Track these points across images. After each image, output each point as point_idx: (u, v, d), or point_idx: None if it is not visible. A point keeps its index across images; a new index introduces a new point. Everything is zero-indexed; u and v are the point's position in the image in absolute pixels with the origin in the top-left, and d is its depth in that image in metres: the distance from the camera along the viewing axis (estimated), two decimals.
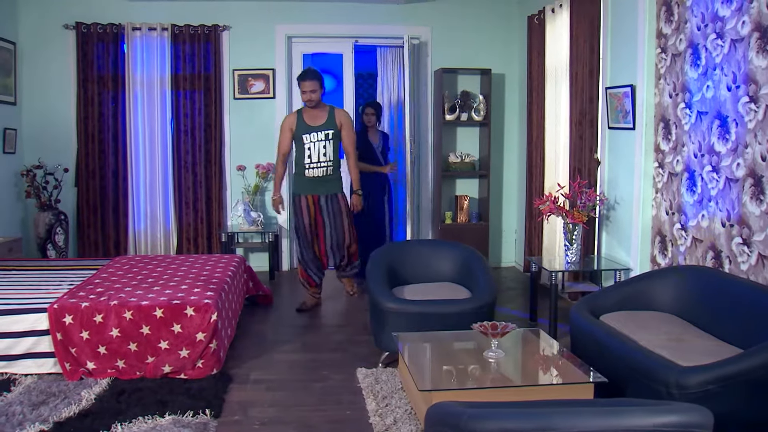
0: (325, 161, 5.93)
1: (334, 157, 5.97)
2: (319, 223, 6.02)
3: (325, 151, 5.91)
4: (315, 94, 5.88)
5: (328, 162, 5.94)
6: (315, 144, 5.90)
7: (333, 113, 6.00)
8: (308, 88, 5.85)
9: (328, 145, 5.92)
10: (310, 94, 5.86)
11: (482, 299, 4.47)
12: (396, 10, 7.54)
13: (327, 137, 5.91)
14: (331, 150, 5.93)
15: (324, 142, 5.90)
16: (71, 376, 4.29)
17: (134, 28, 7.25)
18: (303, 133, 5.92)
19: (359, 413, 3.85)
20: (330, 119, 5.96)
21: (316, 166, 5.93)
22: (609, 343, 3.69)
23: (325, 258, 6.16)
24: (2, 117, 6.84)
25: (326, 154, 5.92)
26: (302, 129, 5.94)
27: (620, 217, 5.42)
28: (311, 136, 5.90)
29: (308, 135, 5.90)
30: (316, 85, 5.87)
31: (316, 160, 5.92)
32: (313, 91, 5.87)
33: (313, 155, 5.92)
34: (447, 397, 3.20)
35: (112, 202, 7.38)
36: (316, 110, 5.95)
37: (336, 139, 5.97)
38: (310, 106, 5.91)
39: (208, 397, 4.00)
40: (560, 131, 6.32)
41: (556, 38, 6.39)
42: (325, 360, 4.77)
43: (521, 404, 2.44)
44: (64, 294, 4.58)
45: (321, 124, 5.92)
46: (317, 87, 5.89)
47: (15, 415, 3.73)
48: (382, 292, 4.51)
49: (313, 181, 5.98)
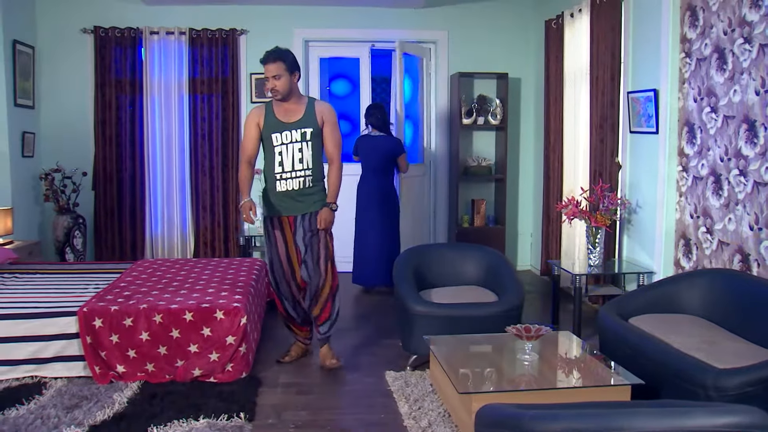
0: (302, 169, 4.52)
1: (314, 163, 4.56)
2: (298, 253, 4.64)
3: (301, 155, 4.51)
4: (280, 82, 4.41)
5: (306, 170, 4.53)
6: (288, 147, 4.50)
7: (312, 107, 4.57)
8: (271, 73, 4.41)
9: (306, 147, 4.51)
10: (274, 81, 4.41)
11: (510, 302, 4.49)
12: (413, 15, 7.57)
13: (304, 137, 4.50)
14: (309, 154, 4.53)
15: (300, 143, 4.50)
16: (101, 380, 4.29)
17: (152, 32, 7.28)
18: (272, 131, 4.51)
19: (392, 416, 3.86)
20: (308, 114, 4.53)
21: (290, 176, 4.52)
22: (642, 346, 3.70)
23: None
24: (21, 121, 6.86)
25: (303, 160, 4.51)
26: (271, 126, 4.52)
27: (642, 220, 5.44)
28: (282, 136, 4.50)
29: (278, 135, 4.50)
30: (280, 68, 4.41)
31: (290, 167, 4.51)
32: (276, 77, 4.41)
33: (285, 162, 4.51)
34: (487, 400, 3.22)
35: (130, 205, 7.40)
36: (290, 103, 4.53)
37: (316, 140, 4.55)
38: (275, 97, 4.48)
39: (240, 400, 4.00)
40: (579, 135, 6.33)
41: (575, 42, 6.41)
42: (353, 363, 4.78)
43: (573, 405, 2.46)
44: (92, 297, 4.59)
45: (296, 120, 4.50)
46: (282, 71, 4.41)
47: (50, 418, 3.73)
48: (411, 295, 4.53)
49: (286, 197, 4.57)
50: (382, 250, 6.69)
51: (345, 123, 7.99)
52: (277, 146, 4.51)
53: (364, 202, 6.74)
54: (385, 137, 6.67)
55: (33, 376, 4.32)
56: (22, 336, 4.31)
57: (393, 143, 6.68)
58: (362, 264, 6.83)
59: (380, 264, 6.69)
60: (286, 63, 4.43)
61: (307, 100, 4.61)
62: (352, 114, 7.88)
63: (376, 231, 6.70)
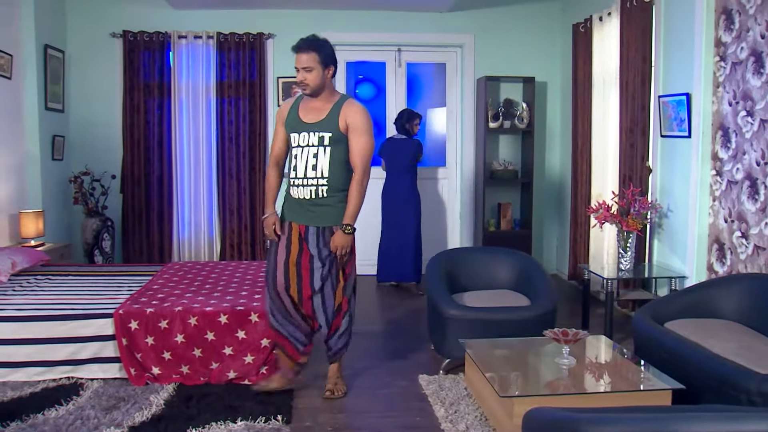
0: (315, 177, 4.00)
1: (331, 172, 4.01)
2: (305, 261, 4.07)
3: (315, 162, 3.98)
4: (311, 75, 3.93)
5: (320, 178, 4.00)
6: (303, 150, 4.00)
7: (338, 108, 4.01)
8: (302, 63, 3.93)
9: (322, 154, 3.98)
10: (304, 73, 3.94)
11: (544, 306, 4.48)
12: (439, 19, 7.58)
13: (321, 142, 3.97)
14: (325, 161, 3.99)
15: (316, 148, 3.98)
16: (137, 381, 4.31)
17: (180, 36, 7.33)
18: (291, 130, 4.06)
19: (429, 419, 3.86)
20: (331, 116, 3.99)
21: (302, 183, 4.02)
22: (679, 350, 3.68)
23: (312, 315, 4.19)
24: (51, 124, 6.93)
25: (317, 167, 3.98)
26: (291, 124, 4.07)
27: (674, 224, 5.41)
28: (300, 137, 4.02)
29: (296, 135, 4.03)
30: (313, 59, 3.92)
31: (302, 174, 4.02)
32: (307, 69, 3.93)
33: (299, 167, 4.03)
34: (528, 404, 3.21)
35: (157, 208, 7.45)
36: (318, 100, 4.04)
37: (336, 146, 4.00)
38: (304, 91, 4.01)
39: (277, 403, 4.01)
40: (609, 139, 6.31)
41: (603, 46, 6.40)
42: (386, 367, 4.78)
43: (623, 409, 2.45)
44: (127, 299, 4.62)
45: (316, 121, 3.99)
46: (315, 63, 3.92)
47: (89, 419, 3.76)
48: (444, 299, 4.53)
49: (297, 205, 4.10)
50: (403, 248, 6.89)
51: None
52: (294, 148, 4.06)
53: (387, 203, 6.97)
54: (405, 140, 6.88)
55: (69, 377, 4.35)
56: (59, 337, 4.35)
57: (414, 144, 6.88)
58: (386, 262, 7.03)
59: (403, 262, 6.91)
60: (320, 55, 3.94)
61: (337, 99, 4.08)
62: (378, 118, 7.88)
63: (398, 230, 6.89)
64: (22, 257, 5.56)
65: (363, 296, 6.82)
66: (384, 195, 6.98)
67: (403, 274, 6.96)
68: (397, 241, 6.91)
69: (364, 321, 6.02)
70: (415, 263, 6.93)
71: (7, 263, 5.34)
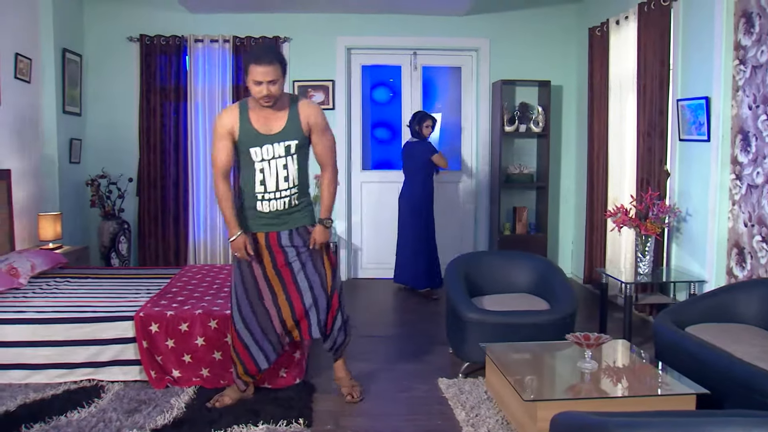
0: (287, 188, 3.89)
1: (301, 178, 3.94)
2: (285, 276, 3.99)
3: (286, 173, 3.86)
4: (275, 87, 3.68)
5: (293, 188, 3.92)
6: (270, 163, 3.84)
7: (296, 111, 3.85)
8: (267, 76, 3.65)
9: (291, 162, 3.86)
10: (269, 87, 3.67)
11: (564, 310, 4.47)
12: (455, 23, 7.58)
13: (288, 151, 3.84)
14: (295, 169, 3.89)
15: (284, 158, 3.84)
16: (157, 384, 4.32)
17: (196, 40, 7.36)
18: (250, 145, 3.83)
19: (450, 423, 3.85)
20: (292, 122, 3.84)
21: (275, 196, 3.89)
22: (702, 355, 3.67)
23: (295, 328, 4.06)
24: (69, 127, 6.97)
25: (288, 177, 3.87)
26: (249, 139, 3.83)
27: (693, 228, 5.39)
28: (263, 151, 3.82)
29: (258, 149, 3.83)
30: (277, 71, 3.67)
31: (274, 187, 3.87)
32: (272, 82, 3.66)
33: (268, 181, 3.86)
34: (552, 408, 3.21)
35: (173, 211, 7.47)
36: (269, 108, 3.82)
37: (301, 152, 3.90)
38: (267, 104, 3.74)
39: (297, 406, 4.01)
40: (626, 143, 6.30)
41: (620, 50, 6.39)
42: (404, 370, 4.78)
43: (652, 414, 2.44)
44: (147, 303, 4.63)
45: (278, 131, 3.82)
46: (280, 75, 3.70)
47: (112, 422, 3.77)
48: (464, 303, 4.52)
49: (268, 216, 3.95)
50: (417, 253, 6.86)
51: (385, 130, 8.01)
52: (257, 162, 3.85)
53: (402, 206, 6.96)
54: (418, 142, 6.84)
55: (90, 380, 4.37)
56: (79, 340, 4.37)
57: (423, 147, 6.83)
58: (400, 264, 7.08)
59: (416, 266, 6.89)
60: (282, 65, 3.73)
61: (288, 101, 3.87)
62: (393, 121, 7.90)
63: (411, 235, 6.86)
64: (40, 260, 5.59)
65: (380, 299, 6.85)
66: (400, 198, 6.99)
67: (416, 280, 6.93)
68: (411, 245, 6.89)
69: (381, 324, 6.04)
70: (428, 269, 6.88)
71: (27, 266, 5.36)
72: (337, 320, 4.16)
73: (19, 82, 6.18)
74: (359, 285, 7.54)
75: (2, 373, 4.35)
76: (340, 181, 7.30)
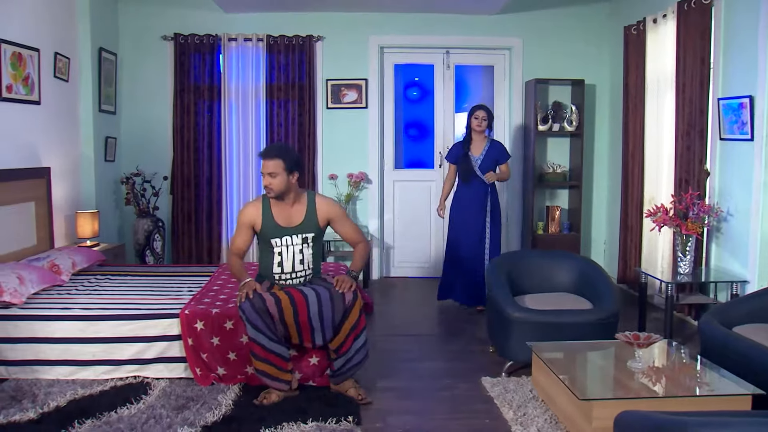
0: (302, 269, 4.32)
1: (315, 263, 4.37)
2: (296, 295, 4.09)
3: (302, 257, 4.30)
4: (276, 180, 4.14)
5: (307, 269, 4.34)
6: (288, 248, 4.28)
7: (313, 208, 4.31)
8: (267, 169, 4.14)
9: (306, 249, 4.31)
10: (269, 179, 4.14)
11: (608, 309, 4.45)
12: (487, 22, 7.57)
13: (305, 241, 4.29)
14: (310, 254, 4.32)
15: (300, 246, 4.29)
16: (202, 381, 4.34)
17: (230, 38, 7.39)
18: (271, 236, 4.26)
19: (498, 422, 3.85)
20: (309, 218, 4.29)
21: (290, 276, 4.31)
22: (753, 355, 3.65)
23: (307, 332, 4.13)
24: (104, 126, 7.01)
25: (304, 261, 4.31)
26: (270, 231, 4.26)
27: (734, 228, 5.36)
28: (282, 240, 4.27)
29: (278, 240, 4.26)
30: (279, 166, 4.13)
31: (290, 269, 4.29)
32: (272, 174, 4.14)
33: (285, 263, 4.29)
34: (609, 407, 3.21)
35: (206, 209, 7.50)
36: (288, 202, 4.27)
37: (317, 241, 4.35)
38: (269, 195, 4.22)
39: (344, 404, 4.03)
40: (663, 142, 6.26)
41: (658, 48, 6.35)
42: (446, 369, 4.78)
43: (723, 414, 2.43)
44: (191, 300, 4.66)
45: (297, 224, 4.27)
46: (281, 170, 4.13)
47: (162, 419, 3.80)
48: (508, 302, 4.52)
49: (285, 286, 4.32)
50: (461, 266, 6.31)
51: (417, 130, 8.00)
52: (276, 248, 4.28)
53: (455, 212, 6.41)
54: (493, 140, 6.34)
55: (135, 376, 4.40)
56: (125, 336, 4.41)
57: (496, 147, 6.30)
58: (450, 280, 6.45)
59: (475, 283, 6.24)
60: (286, 162, 4.14)
61: (306, 199, 4.33)
62: (425, 120, 7.90)
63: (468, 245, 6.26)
64: (80, 257, 5.64)
65: (419, 299, 6.83)
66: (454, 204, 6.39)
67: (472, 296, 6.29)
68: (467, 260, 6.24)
69: (421, 323, 6.04)
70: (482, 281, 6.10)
71: (68, 263, 5.41)
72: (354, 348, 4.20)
73: (58, 81, 6.23)
74: (392, 284, 7.55)
75: (49, 369, 4.41)
76: (372, 180, 7.45)
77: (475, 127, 6.18)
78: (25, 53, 5.64)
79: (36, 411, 3.87)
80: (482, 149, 6.21)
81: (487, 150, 6.21)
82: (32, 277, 4.84)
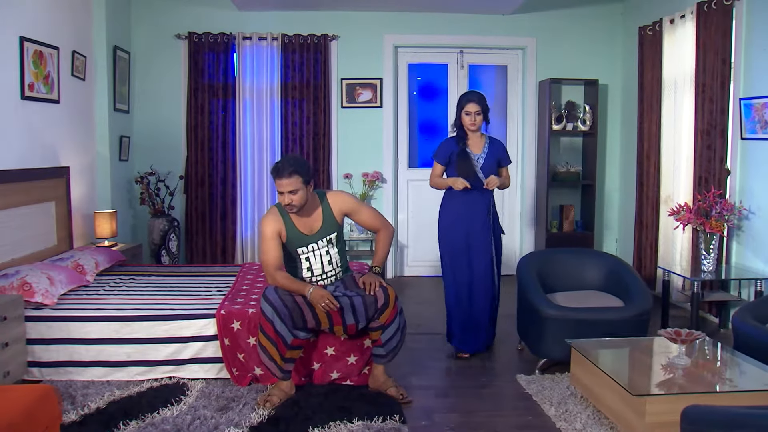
0: (332, 269, 4.30)
1: (342, 259, 4.36)
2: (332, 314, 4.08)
3: (329, 257, 4.28)
4: (297, 196, 4.02)
5: (336, 267, 4.32)
6: (315, 252, 4.24)
7: (328, 207, 4.24)
8: (287, 188, 3.99)
9: (332, 248, 4.29)
10: (290, 197, 4.01)
11: (641, 307, 4.49)
12: (501, 21, 7.60)
13: (330, 242, 4.27)
14: (336, 252, 4.31)
15: (327, 247, 4.26)
16: (239, 381, 4.33)
17: (245, 37, 7.37)
18: (298, 246, 4.21)
19: (541, 419, 3.88)
20: (328, 219, 4.23)
21: (321, 278, 4.27)
22: None
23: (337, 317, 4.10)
24: (118, 125, 6.97)
25: (332, 261, 4.29)
26: (296, 241, 4.20)
27: (756, 226, 5.42)
28: (308, 248, 4.22)
29: (305, 248, 4.22)
30: (297, 182, 3.99)
31: (320, 271, 4.26)
32: (293, 192, 4.01)
33: (314, 267, 4.25)
34: (661, 403, 3.24)
35: (220, 209, 7.48)
36: (307, 210, 4.18)
37: (340, 239, 4.35)
38: (291, 211, 4.10)
39: (387, 402, 4.03)
40: (681, 142, 6.30)
41: (675, 49, 6.39)
42: (478, 367, 4.80)
43: None
44: (224, 300, 4.64)
45: (319, 230, 4.22)
46: (300, 184, 4.00)
47: (207, 419, 3.78)
48: (541, 300, 4.55)
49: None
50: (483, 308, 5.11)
51: (430, 129, 8.02)
52: (302, 255, 4.23)
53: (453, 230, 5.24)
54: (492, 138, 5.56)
55: (171, 377, 4.38)
56: (160, 337, 4.38)
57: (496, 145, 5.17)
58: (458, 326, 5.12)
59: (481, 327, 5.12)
60: (303, 176, 4.01)
61: (320, 202, 4.24)
62: (439, 120, 7.91)
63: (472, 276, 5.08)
64: (102, 257, 5.60)
65: (435, 298, 6.82)
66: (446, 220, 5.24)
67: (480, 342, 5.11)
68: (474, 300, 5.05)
69: (439, 322, 6.02)
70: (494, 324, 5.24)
71: (91, 263, 5.38)
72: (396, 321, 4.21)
73: (75, 79, 6.18)
74: (406, 283, 7.55)
75: (83, 370, 4.38)
76: (387, 179, 7.45)
77: (469, 127, 4.95)
78: (46, 51, 5.59)
79: (77, 413, 3.85)
80: (482, 147, 5.01)
81: (488, 148, 5.02)
82: (61, 278, 4.80)
